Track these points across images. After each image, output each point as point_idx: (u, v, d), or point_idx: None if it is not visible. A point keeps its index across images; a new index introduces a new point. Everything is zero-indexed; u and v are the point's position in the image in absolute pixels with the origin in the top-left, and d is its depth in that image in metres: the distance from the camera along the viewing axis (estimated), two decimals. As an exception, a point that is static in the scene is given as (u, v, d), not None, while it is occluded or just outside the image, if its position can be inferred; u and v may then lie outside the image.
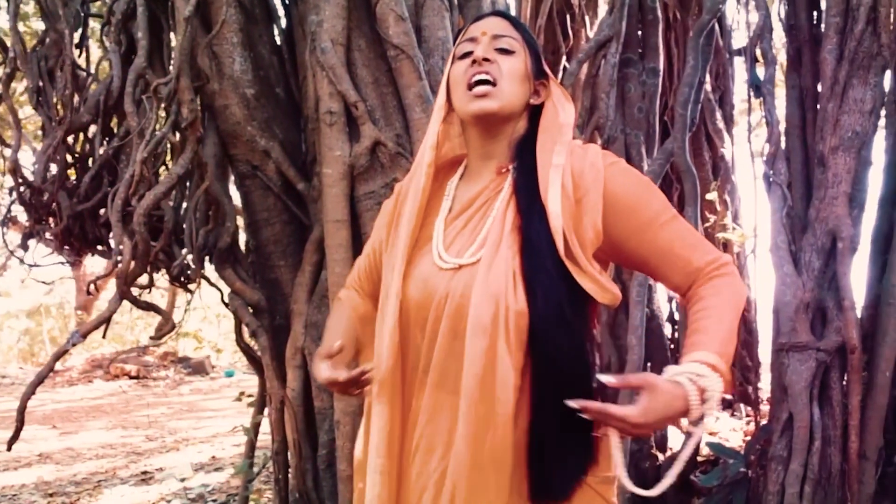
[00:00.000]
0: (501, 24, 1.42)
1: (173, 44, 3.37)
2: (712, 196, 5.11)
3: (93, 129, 3.49)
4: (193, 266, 3.11)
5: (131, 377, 12.76)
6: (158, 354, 13.57)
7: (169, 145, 2.96)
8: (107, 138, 3.47)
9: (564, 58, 6.67)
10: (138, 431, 7.92)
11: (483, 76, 1.35)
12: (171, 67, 3.01)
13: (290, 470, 3.30)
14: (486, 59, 1.36)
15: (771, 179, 2.72)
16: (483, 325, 1.26)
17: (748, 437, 4.73)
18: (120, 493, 5.19)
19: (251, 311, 3.34)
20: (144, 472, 5.85)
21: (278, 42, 3.57)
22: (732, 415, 5.58)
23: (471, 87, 1.36)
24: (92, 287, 5.99)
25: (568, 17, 6.90)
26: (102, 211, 3.38)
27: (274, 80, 3.50)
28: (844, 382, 2.60)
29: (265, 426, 3.55)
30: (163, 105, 2.75)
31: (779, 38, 3.53)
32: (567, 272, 1.29)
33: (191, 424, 8.27)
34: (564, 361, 1.26)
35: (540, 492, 1.29)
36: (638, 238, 1.34)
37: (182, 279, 3.20)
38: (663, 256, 1.34)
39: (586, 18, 7.05)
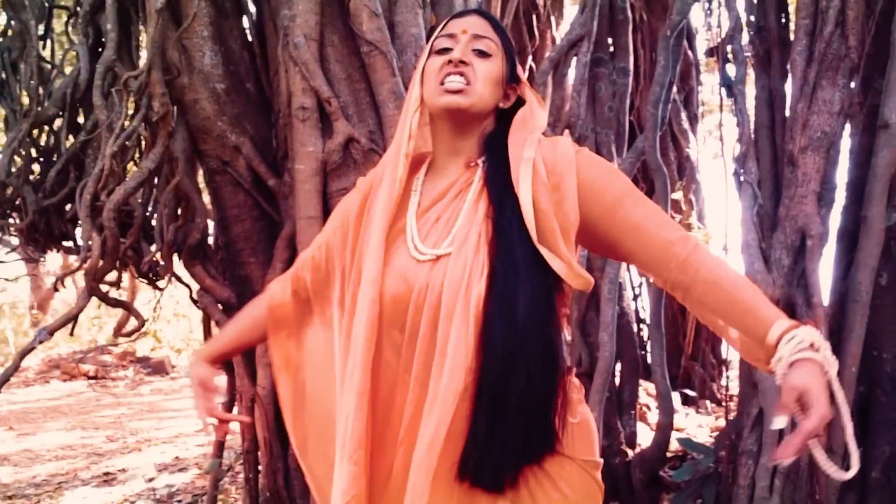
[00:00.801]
0: (482, 25, 1.42)
1: (142, 36, 3.32)
2: (678, 196, 5.18)
3: (58, 122, 3.41)
4: (162, 263, 3.06)
5: (89, 377, 12.51)
6: (117, 354, 13.33)
7: (137, 139, 2.90)
8: (73, 132, 3.40)
9: (530, 57, 6.71)
10: (98, 432, 7.77)
11: (457, 78, 1.36)
12: (140, 60, 2.96)
13: (260, 469, 3.27)
14: (462, 62, 1.37)
15: (742, 178, 2.76)
16: (449, 312, 1.28)
17: (715, 434, 4.81)
18: (82, 495, 5.09)
19: (221, 308, 3.29)
20: (106, 473, 5.75)
21: (248, 36, 3.53)
22: (698, 411, 5.66)
23: (443, 82, 1.37)
24: (50, 284, 5.87)
25: (534, 17, 6.95)
26: (69, 206, 3.31)
27: (244, 74, 3.46)
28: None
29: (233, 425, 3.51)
30: (132, 99, 2.69)
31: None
32: (539, 258, 1.30)
33: (152, 425, 8.14)
34: (523, 343, 1.27)
35: (466, 471, 1.29)
36: (611, 218, 1.35)
37: (150, 276, 3.15)
38: (637, 234, 1.35)
39: (552, 19, 7.12)
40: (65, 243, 3.38)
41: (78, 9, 3.17)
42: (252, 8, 3.58)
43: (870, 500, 2.82)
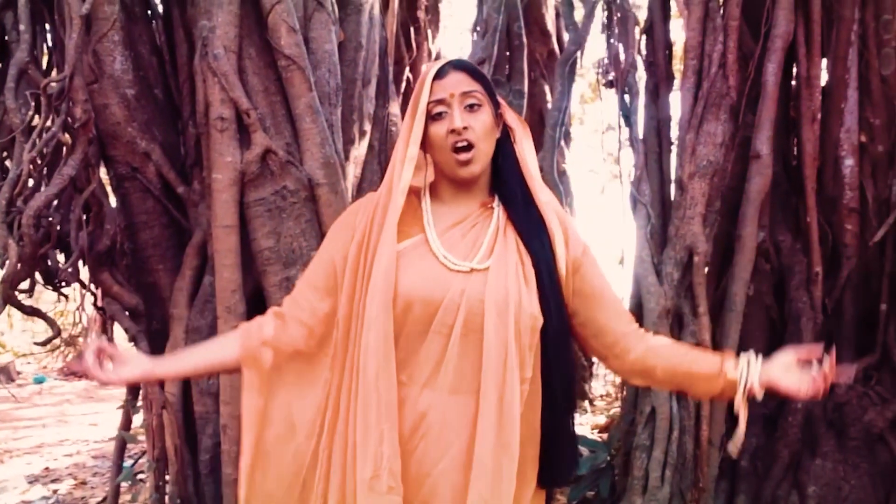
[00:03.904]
0: (464, 80, 1.54)
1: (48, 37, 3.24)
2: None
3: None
4: (70, 269, 3.01)
5: (-69, 387, 11.56)
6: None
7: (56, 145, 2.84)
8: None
9: (408, 69, 6.89)
10: (-49, 445, 7.26)
11: (464, 144, 1.51)
12: (53, 63, 2.90)
13: (168, 476, 3.26)
14: (464, 128, 1.50)
15: (637, 200, 3.06)
16: (497, 321, 1.42)
17: (596, 431, 5.15)
18: (-50, 511, 4.81)
19: (128, 315, 3.26)
20: (-27, 488, 5.42)
21: (157, 42, 3.51)
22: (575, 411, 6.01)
23: (454, 149, 1.51)
24: None
25: (412, 29, 7.14)
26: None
27: (153, 80, 3.44)
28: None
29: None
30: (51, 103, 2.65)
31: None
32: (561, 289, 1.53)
33: (8, 435, 7.69)
34: (569, 364, 1.50)
35: (550, 478, 1.53)
36: (590, 302, 1.58)
37: (56, 283, 3.08)
38: (601, 303, 1.59)
39: (429, 32, 7.34)
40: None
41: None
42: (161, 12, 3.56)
43: (739, 485, 3.18)
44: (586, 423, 5.55)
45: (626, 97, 3.30)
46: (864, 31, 3.28)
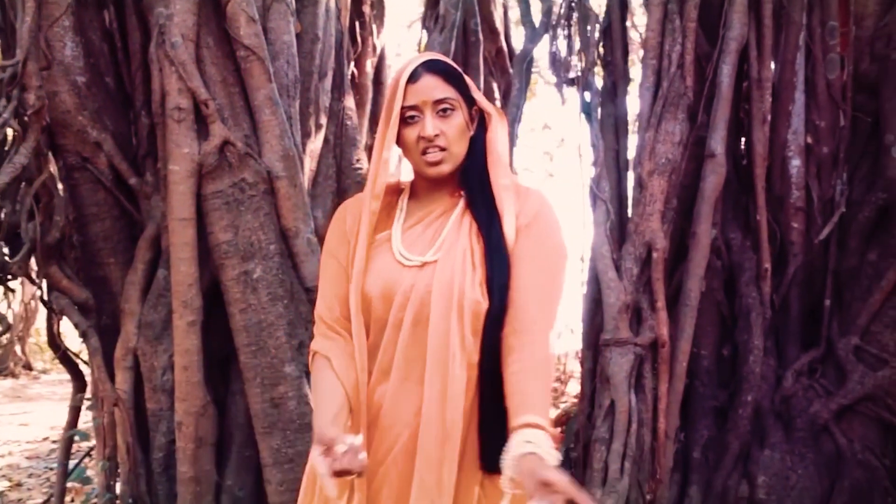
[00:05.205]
0: (438, 86, 1.52)
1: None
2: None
3: None
4: (19, 263, 2.90)
5: None
6: None
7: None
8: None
9: (353, 63, 6.85)
10: None
11: (436, 152, 1.52)
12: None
13: (119, 475, 3.17)
14: (435, 135, 1.51)
15: (597, 196, 3.10)
16: (443, 312, 1.46)
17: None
18: None
19: (78, 310, 3.16)
20: None
21: (109, 29, 3.41)
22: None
23: (424, 153, 1.53)
24: None
25: (357, 24, 7.10)
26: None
27: (104, 68, 3.34)
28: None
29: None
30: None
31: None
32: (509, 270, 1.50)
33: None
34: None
35: (490, 461, 1.45)
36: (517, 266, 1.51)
37: (2, 276, 2.96)
38: (520, 290, 1.49)
39: (374, 27, 7.30)
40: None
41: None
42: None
43: (692, 476, 3.26)
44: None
45: (587, 94, 3.35)
46: (811, 36, 3.40)
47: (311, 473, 1.62)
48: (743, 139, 3.54)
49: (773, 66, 3.37)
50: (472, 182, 1.58)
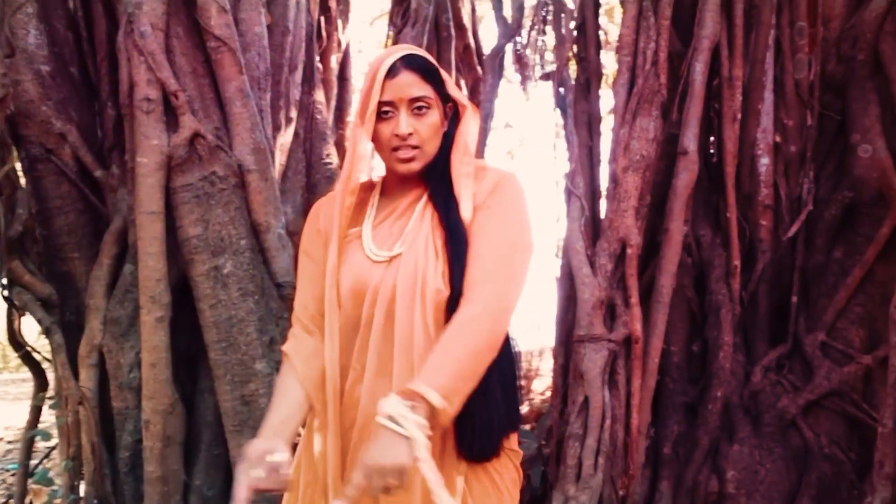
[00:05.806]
0: (415, 83, 1.51)
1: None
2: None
3: None
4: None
5: None
6: None
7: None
8: None
9: (318, 58, 6.80)
10: None
11: (407, 149, 1.53)
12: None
13: (83, 475, 3.10)
14: (409, 134, 1.51)
15: (572, 192, 3.10)
16: (408, 305, 1.46)
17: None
18: None
19: (41, 306, 3.08)
20: None
21: (74, 17, 3.32)
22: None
23: (396, 149, 1.53)
24: None
25: (323, 19, 7.04)
26: None
27: (69, 57, 3.26)
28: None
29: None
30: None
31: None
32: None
33: None
34: None
35: (467, 451, 1.48)
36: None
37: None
38: (471, 263, 1.48)
39: (339, 22, 7.26)
40: None
41: None
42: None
43: (662, 471, 3.28)
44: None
45: (562, 90, 3.35)
46: (781, 36, 3.44)
47: (297, 469, 1.59)
48: (713, 137, 3.57)
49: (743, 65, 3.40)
50: (435, 173, 1.57)
